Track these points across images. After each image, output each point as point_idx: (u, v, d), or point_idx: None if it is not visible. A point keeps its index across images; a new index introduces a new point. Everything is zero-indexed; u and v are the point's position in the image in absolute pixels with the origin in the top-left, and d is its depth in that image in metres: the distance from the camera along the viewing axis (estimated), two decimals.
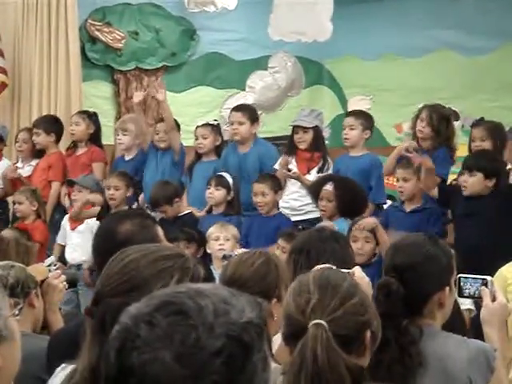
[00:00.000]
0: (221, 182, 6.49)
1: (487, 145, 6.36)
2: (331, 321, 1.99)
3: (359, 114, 6.80)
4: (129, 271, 2.08)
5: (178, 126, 7.20)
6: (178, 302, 1.25)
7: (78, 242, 6.84)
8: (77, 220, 6.92)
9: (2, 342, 1.43)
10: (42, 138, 7.47)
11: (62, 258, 6.72)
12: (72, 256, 6.84)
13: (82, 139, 7.47)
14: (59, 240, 7.03)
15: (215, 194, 6.48)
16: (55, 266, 3.72)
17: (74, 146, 7.56)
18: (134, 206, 6.67)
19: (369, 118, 6.77)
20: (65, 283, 3.56)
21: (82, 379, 2.00)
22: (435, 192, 6.03)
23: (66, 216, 7.07)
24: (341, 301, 2.06)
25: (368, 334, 2.06)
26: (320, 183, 6.17)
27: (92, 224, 6.69)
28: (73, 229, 6.93)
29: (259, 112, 7.36)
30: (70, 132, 7.52)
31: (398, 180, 6.12)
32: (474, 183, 5.89)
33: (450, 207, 6.09)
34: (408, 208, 6.11)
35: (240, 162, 6.82)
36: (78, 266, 6.70)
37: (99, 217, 6.41)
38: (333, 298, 2.06)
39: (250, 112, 6.91)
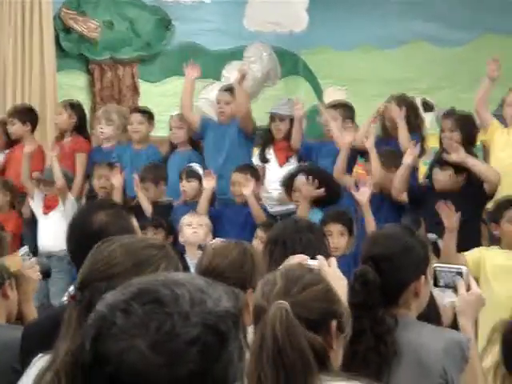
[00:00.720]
0: (192, 174, 6.50)
1: (455, 136, 6.40)
2: (293, 303, 2.00)
3: (338, 105, 6.85)
4: (118, 255, 2.09)
5: (151, 116, 7.20)
6: (154, 290, 1.25)
7: (50, 229, 6.80)
8: (49, 207, 6.89)
9: None
10: (17, 128, 7.42)
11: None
12: (43, 243, 6.81)
13: (66, 129, 7.43)
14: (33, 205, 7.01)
15: (187, 186, 6.48)
16: (29, 255, 3.70)
17: (61, 135, 7.53)
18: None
19: (348, 108, 6.81)
20: (38, 273, 3.55)
21: (65, 363, 1.99)
22: (404, 197, 6.07)
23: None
24: (303, 286, 2.08)
25: (334, 323, 2.06)
26: (292, 175, 6.18)
27: (65, 209, 6.71)
28: (45, 213, 6.89)
29: None
30: (53, 122, 7.50)
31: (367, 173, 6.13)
32: (445, 178, 5.95)
33: (421, 208, 6.11)
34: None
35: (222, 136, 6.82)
36: (49, 255, 6.66)
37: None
38: (296, 284, 2.08)
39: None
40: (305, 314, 2.02)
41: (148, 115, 7.21)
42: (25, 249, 3.79)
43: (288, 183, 6.18)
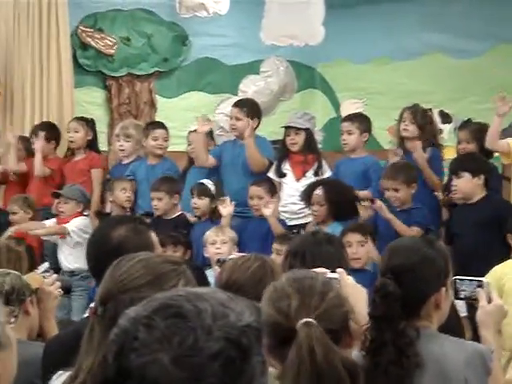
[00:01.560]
0: (203, 192, 6.50)
1: (472, 147, 6.42)
2: (317, 317, 1.99)
3: (355, 118, 6.82)
4: (138, 269, 2.10)
5: (167, 130, 7.21)
6: (177, 305, 1.24)
7: (69, 251, 6.83)
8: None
9: (1, 349, 1.42)
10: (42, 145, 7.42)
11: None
12: (65, 263, 6.83)
13: (81, 146, 7.45)
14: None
15: (198, 203, 6.49)
16: (49, 272, 3.70)
17: (71, 152, 7.53)
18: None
19: (365, 119, 6.79)
20: (59, 290, 3.55)
21: (90, 378, 2.00)
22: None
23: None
24: (320, 297, 2.06)
25: (351, 324, 2.06)
26: (311, 188, 6.19)
27: (76, 231, 6.74)
28: (62, 237, 6.90)
29: None
30: (68, 139, 7.48)
31: (387, 189, 6.11)
32: (463, 184, 5.92)
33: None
34: (398, 208, 6.11)
35: (238, 156, 6.82)
36: (72, 273, 6.69)
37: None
38: (312, 297, 2.05)
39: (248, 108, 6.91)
40: (330, 326, 2.01)
41: (167, 130, 7.25)
42: (45, 265, 3.79)
43: (307, 197, 6.19)
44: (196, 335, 1.21)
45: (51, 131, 7.52)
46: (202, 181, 6.63)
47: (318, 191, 6.05)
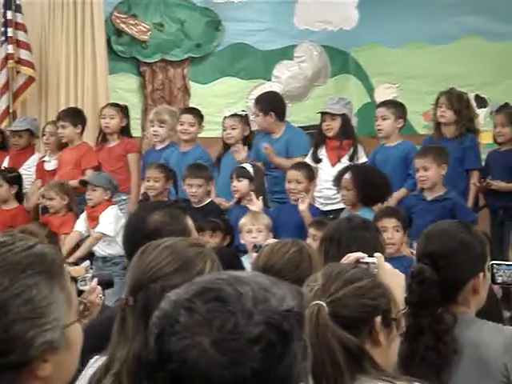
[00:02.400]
0: (242, 173, 6.50)
1: (507, 130, 6.37)
2: (331, 302, 1.97)
3: (390, 104, 6.79)
4: (166, 256, 2.11)
5: (201, 116, 7.20)
6: (218, 289, 1.25)
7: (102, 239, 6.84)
8: (94, 219, 6.91)
9: (54, 352, 1.41)
10: (69, 131, 7.46)
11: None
12: (97, 249, 6.84)
13: (115, 132, 7.46)
14: (78, 227, 6.97)
15: (238, 185, 6.49)
16: (92, 268, 3.65)
17: (102, 139, 7.55)
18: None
19: (400, 106, 6.76)
20: (101, 295, 3.49)
21: (127, 366, 2.01)
22: None
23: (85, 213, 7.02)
24: (343, 284, 2.04)
25: (378, 319, 2.01)
26: (341, 173, 6.18)
27: (109, 215, 6.75)
28: (92, 227, 6.92)
29: (286, 102, 7.36)
30: (103, 125, 7.48)
31: (417, 170, 6.07)
32: None
33: None
34: (429, 196, 6.07)
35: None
36: (104, 259, 6.70)
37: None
38: (334, 282, 2.04)
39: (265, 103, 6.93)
40: (344, 312, 1.98)
41: (199, 116, 7.21)
42: (86, 263, 3.77)
43: (338, 182, 6.18)
44: (236, 319, 1.21)
45: (77, 117, 7.54)
46: (242, 164, 6.63)
47: (347, 176, 6.04)
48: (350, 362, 1.91)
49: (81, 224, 6.96)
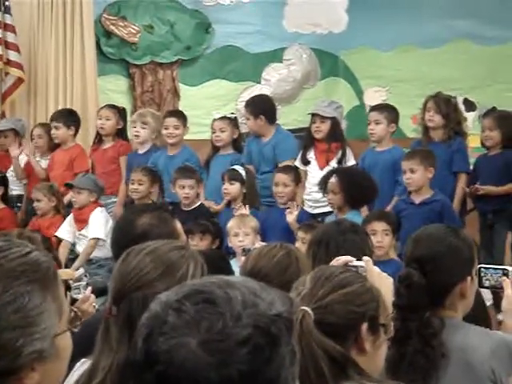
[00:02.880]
0: (234, 176, 6.50)
1: (495, 134, 6.38)
2: (317, 308, 1.96)
3: (383, 108, 6.79)
4: (148, 263, 2.10)
5: (185, 119, 7.17)
6: (208, 291, 1.25)
7: (86, 240, 6.79)
8: (82, 221, 6.87)
9: (43, 362, 1.40)
10: (62, 132, 7.44)
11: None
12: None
13: (110, 134, 7.42)
14: (60, 233, 6.88)
15: (230, 188, 6.49)
16: (86, 276, 3.63)
17: (99, 140, 7.52)
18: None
19: (393, 110, 6.76)
20: (94, 304, 3.47)
21: (107, 378, 2.00)
22: None
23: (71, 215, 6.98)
24: (330, 289, 2.02)
25: (364, 326, 2.00)
26: (327, 177, 6.19)
27: (96, 218, 6.72)
28: (79, 230, 6.88)
29: (275, 104, 7.36)
30: (99, 126, 7.46)
31: (404, 172, 6.09)
32: None
33: None
34: (417, 200, 6.08)
35: (259, 152, 6.85)
36: (89, 261, 6.65)
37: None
38: (322, 287, 2.03)
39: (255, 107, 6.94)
40: (330, 319, 1.97)
41: (183, 118, 7.18)
42: (81, 270, 3.75)
43: (323, 185, 6.19)
44: (225, 321, 1.21)
45: (70, 118, 7.52)
46: (233, 167, 6.63)
47: (333, 179, 6.06)
48: (334, 369, 1.90)
49: (65, 230, 6.91)
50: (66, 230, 6.89)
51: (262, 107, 6.98)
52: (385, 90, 8.71)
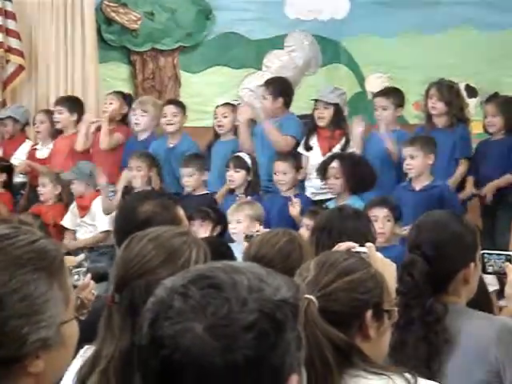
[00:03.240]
0: (239, 164, 6.49)
1: (498, 120, 6.37)
2: (322, 296, 1.96)
3: (389, 93, 6.76)
4: (150, 250, 2.09)
5: (184, 107, 7.15)
6: (213, 276, 1.25)
7: (86, 228, 6.81)
8: (83, 208, 6.88)
9: (48, 350, 1.40)
10: (64, 117, 7.42)
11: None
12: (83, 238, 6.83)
13: (114, 118, 7.38)
14: (65, 223, 6.96)
15: (235, 176, 6.48)
16: (86, 261, 3.62)
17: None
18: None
19: (399, 94, 6.74)
20: (93, 291, 3.46)
21: (110, 365, 2.00)
22: None
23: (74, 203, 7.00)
24: (335, 277, 2.01)
25: (368, 313, 2.00)
26: (327, 162, 6.18)
27: (99, 206, 6.72)
28: (81, 216, 6.89)
29: None
30: (102, 110, 7.45)
31: (405, 158, 6.08)
32: None
33: None
34: (417, 186, 6.08)
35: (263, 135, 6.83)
36: (91, 249, 6.67)
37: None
38: (327, 275, 2.02)
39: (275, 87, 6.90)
40: (335, 307, 1.97)
41: (181, 107, 7.16)
42: (82, 257, 3.74)
43: (323, 171, 6.18)
44: (230, 306, 1.21)
45: (74, 104, 7.51)
46: (238, 154, 6.62)
47: (334, 164, 6.04)
48: (339, 357, 1.90)
49: (68, 218, 6.93)
50: (69, 219, 6.92)
51: (284, 89, 6.95)
52: (386, 76, 8.69)
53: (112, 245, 6.55)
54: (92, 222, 6.86)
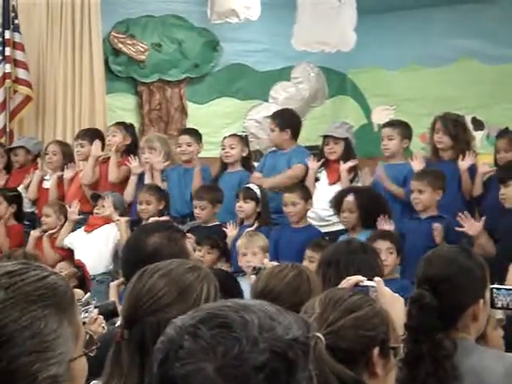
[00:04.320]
0: (249, 195, 6.48)
1: (510, 155, 6.36)
2: (329, 333, 1.94)
3: (396, 124, 6.79)
4: (162, 286, 2.06)
5: (199, 136, 7.19)
6: (224, 315, 1.24)
7: (92, 249, 6.78)
8: (93, 225, 6.89)
9: None
10: (87, 150, 7.41)
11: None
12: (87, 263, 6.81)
13: (119, 150, 7.40)
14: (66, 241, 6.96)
15: (244, 206, 6.47)
16: (94, 300, 3.59)
17: (108, 157, 7.50)
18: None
19: (406, 127, 6.77)
20: (103, 325, 3.43)
21: None
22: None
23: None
24: (341, 314, 2.01)
25: (375, 351, 1.99)
26: (341, 195, 6.17)
27: (108, 230, 6.72)
28: (89, 231, 6.88)
29: None
30: (107, 142, 7.47)
31: (412, 191, 6.09)
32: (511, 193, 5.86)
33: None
34: (423, 215, 6.07)
35: (273, 164, 6.83)
36: (94, 279, 6.65)
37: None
38: (333, 312, 2.01)
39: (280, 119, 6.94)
40: (342, 344, 1.95)
41: (196, 136, 7.19)
42: (88, 294, 3.72)
43: (337, 203, 6.16)
44: (241, 346, 1.20)
45: (95, 137, 7.49)
46: (248, 185, 6.63)
47: (350, 197, 6.03)
48: None
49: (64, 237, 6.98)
50: (66, 237, 6.94)
51: (290, 121, 6.98)
52: (392, 108, 8.71)
53: (108, 271, 6.59)
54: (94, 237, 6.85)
